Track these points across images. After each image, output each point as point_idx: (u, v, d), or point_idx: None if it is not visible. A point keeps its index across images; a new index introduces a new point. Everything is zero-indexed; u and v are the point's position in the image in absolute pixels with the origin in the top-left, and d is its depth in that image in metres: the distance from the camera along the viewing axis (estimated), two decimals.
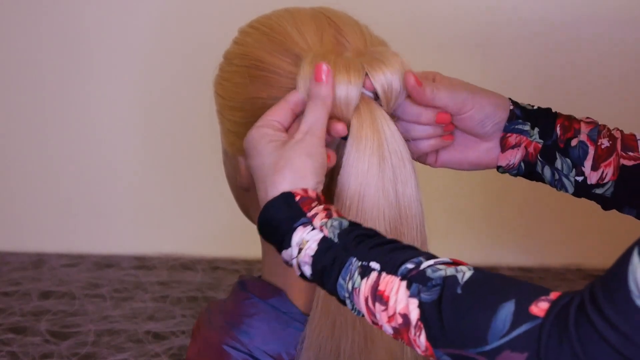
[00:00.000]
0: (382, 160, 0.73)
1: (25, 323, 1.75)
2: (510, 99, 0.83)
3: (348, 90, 0.73)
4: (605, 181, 0.81)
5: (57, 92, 1.95)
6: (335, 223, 0.65)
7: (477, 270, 0.60)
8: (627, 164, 0.81)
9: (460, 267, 0.61)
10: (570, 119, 0.83)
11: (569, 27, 1.86)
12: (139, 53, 1.92)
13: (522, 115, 0.82)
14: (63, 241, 2.04)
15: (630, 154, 0.81)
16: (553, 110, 0.84)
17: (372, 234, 0.66)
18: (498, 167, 0.84)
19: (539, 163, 0.83)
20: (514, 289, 0.58)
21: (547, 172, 0.83)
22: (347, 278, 0.63)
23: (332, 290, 0.65)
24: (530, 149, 0.82)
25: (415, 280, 0.60)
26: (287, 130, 0.73)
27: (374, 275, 0.62)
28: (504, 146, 0.82)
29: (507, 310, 0.56)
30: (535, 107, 0.83)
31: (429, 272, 0.60)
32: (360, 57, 0.75)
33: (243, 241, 1.53)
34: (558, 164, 0.82)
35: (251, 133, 0.71)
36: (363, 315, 0.64)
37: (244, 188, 0.81)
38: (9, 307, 1.81)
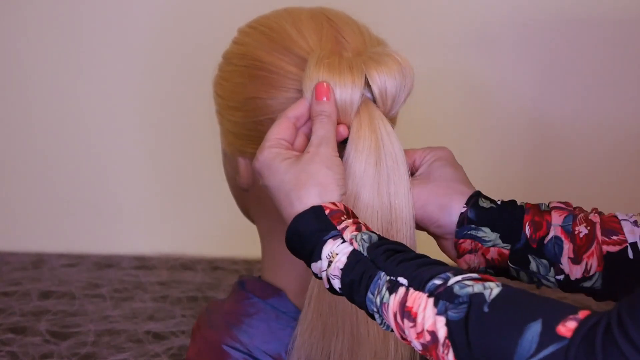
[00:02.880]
0: (378, 161, 0.73)
1: (25, 323, 1.75)
2: (471, 196, 0.76)
3: (352, 91, 0.73)
4: (591, 274, 0.74)
5: (56, 91, 1.95)
6: (365, 237, 0.65)
7: (505, 287, 0.59)
8: (612, 250, 0.73)
9: (487, 284, 0.60)
10: (540, 211, 0.76)
11: (569, 27, 1.85)
12: (138, 53, 1.92)
13: (476, 220, 0.75)
14: (63, 241, 2.04)
15: (614, 237, 0.73)
16: (519, 203, 0.77)
17: (401, 248, 0.65)
18: None
19: (511, 269, 0.76)
20: (541, 308, 0.57)
21: (524, 276, 0.76)
22: (376, 292, 0.63)
23: (362, 304, 0.65)
24: (491, 256, 0.76)
25: (443, 298, 0.60)
26: (292, 145, 0.73)
27: (401, 290, 0.62)
28: (458, 252, 0.77)
29: (534, 330, 0.56)
30: (498, 204, 0.76)
31: (456, 288, 0.60)
32: (359, 58, 0.75)
33: (243, 241, 1.53)
34: (533, 266, 0.75)
35: (262, 154, 0.71)
36: (392, 330, 0.64)
37: (243, 188, 0.81)
38: (9, 307, 1.81)
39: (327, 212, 0.67)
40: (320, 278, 0.67)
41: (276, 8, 0.81)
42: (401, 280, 0.62)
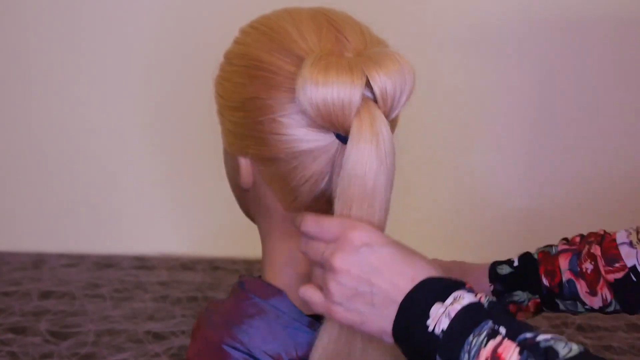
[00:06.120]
0: (380, 163, 0.73)
1: (25, 323, 1.75)
2: (489, 270, 0.86)
3: (351, 92, 0.72)
4: (608, 301, 0.83)
5: (57, 92, 1.96)
6: (490, 298, 0.69)
7: (585, 352, 0.63)
8: (618, 277, 0.82)
9: (570, 345, 0.63)
10: (550, 258, 0.85)
11: (569, 27, 1.86)
12: (139, 53, 1.92)
13: (503, 289, 0.85)
14: (63, 241, 2.04)
15: (617, 265, 0.82)
16: (531, 253, 0.87)
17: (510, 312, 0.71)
18: None
19: (547, 310, 0.87)
20: None
21: (563, 309, 0.87)
22: (475, 334, 0.66)
23: (452, 347, 0.67)
24: (531, 308, 0.87)
25: (527, 348, 0.64)
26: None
27: (498, 338, 0.65)
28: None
29: None
30: (514, 265, 0.87)
31: (542, 342, 0.64)
32: (359, 58, 0.74)
33: (243, 241, 1.53)
34: (562, 307, 0.85)
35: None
36: None
37: (243, 188, 0.81)
38: (9, 307, 1.81)
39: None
40: (426, 317, 0.68)
41: (277, 8, 0.81)
42: (501, 329, 0.66)
